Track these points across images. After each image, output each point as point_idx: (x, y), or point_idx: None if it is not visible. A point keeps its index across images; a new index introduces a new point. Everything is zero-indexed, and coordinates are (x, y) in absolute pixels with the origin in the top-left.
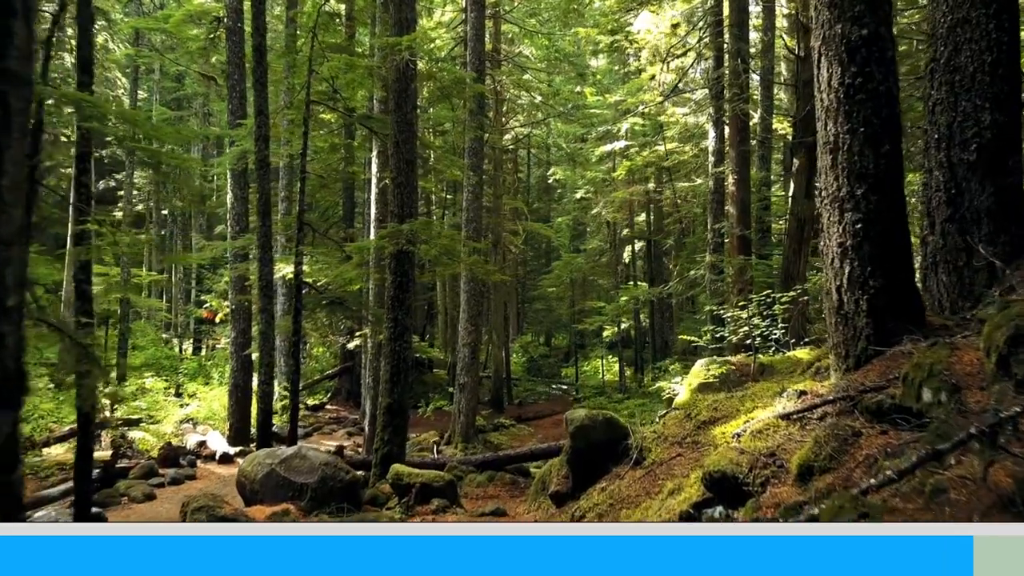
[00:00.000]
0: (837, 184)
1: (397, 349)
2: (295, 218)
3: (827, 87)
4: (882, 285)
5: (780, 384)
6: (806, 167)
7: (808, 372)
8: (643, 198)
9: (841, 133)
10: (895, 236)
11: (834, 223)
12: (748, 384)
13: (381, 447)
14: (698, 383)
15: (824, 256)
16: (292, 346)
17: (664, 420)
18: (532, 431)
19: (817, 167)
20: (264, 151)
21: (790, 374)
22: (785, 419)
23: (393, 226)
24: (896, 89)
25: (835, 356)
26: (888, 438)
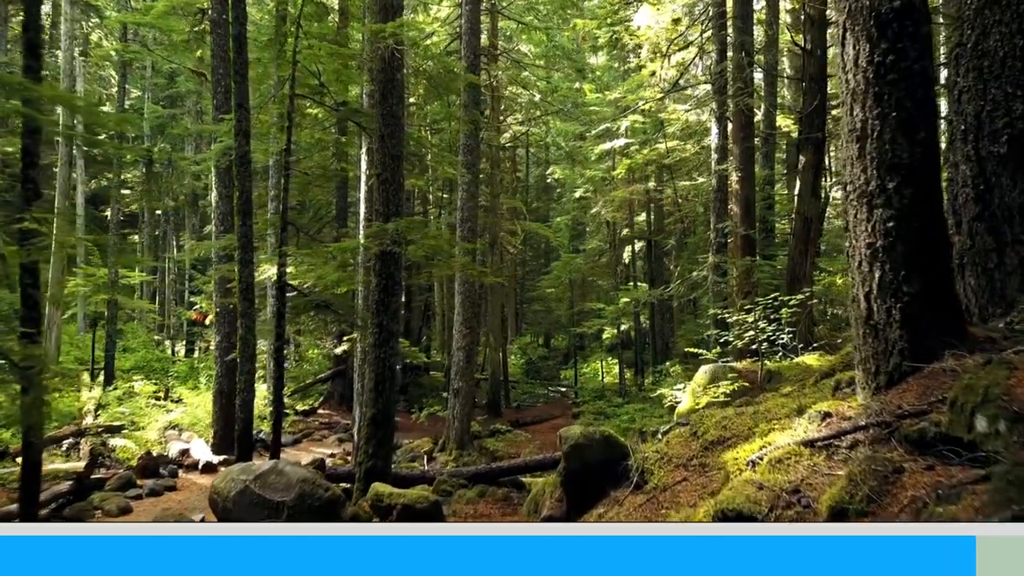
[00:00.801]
0: (865, 177)
1: (382, 356)
2: (279, 217)
3: (853, 67)
4: (918, 291)
5: (797, 401)
6: (812, 164)
7: (822, 384)
8: (643, 197)
9: (870, 118)
10: (932, 235)
11: (862, 221)
12: (758, 396)
13: (365, 460)
14: (706, 401)
15: (850, 259)
16: (275, 351)
17: (667, 438)
18: (529, 437)
19: (824, 164)
20: (244, 146)
21: (800, 382)
22: (809, 446)
23: (377, 225)
24: (931, 68)
25: (863, 372)
26: (936, 475)
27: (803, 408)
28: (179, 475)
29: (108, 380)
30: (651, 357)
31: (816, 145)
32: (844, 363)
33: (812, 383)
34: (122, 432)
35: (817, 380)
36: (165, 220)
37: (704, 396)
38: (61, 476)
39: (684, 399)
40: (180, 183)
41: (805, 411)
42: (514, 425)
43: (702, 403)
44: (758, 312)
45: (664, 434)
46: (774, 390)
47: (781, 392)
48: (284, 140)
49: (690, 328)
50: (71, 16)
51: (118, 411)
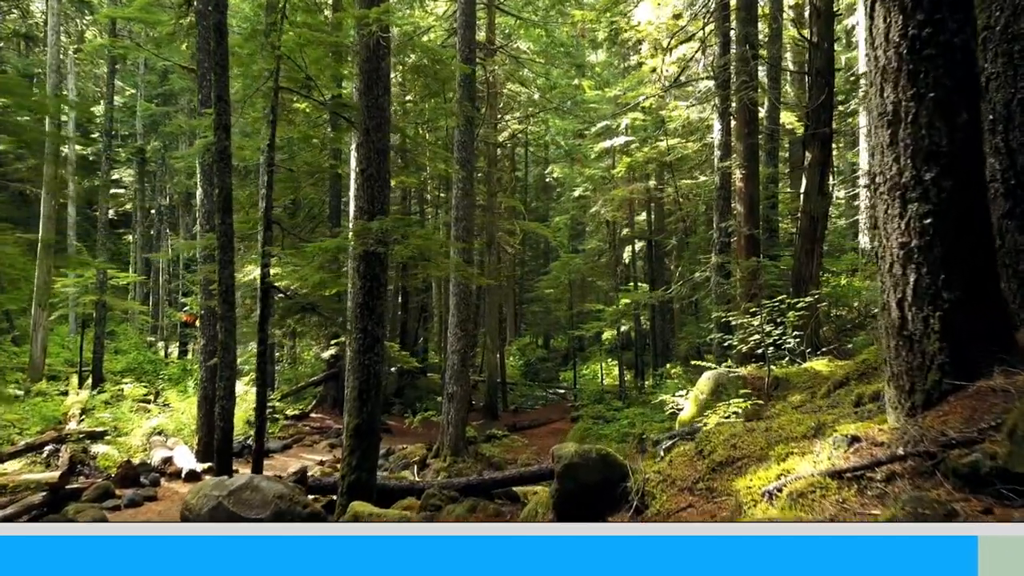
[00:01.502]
0: (898, 167)
1: (366, 363)
2: (263, 216)
3: (884, 41)
4: (960, 298)
5: (814, 418)
6: (819, 161)
7: (838, 395)
8: (644, 196)
9: (904, 100)
10: (974, 233)
11: (894, 217)
12: (768, 409)
13: (348, 473)
14: (715, 420)
15: (880, 260)
16: (259, 356)
17: (670, 456)
18: (526, 442)
19: (831, 161)
20: (224, 141)
21: (809, 390)
22: (836, 478)
23: (360, 224)
24: (974, 43)
25: (895, 389)
26: (996, 520)
27: (822, 426)
28: (161, 484)
29: (96, 383)
30: (651, 359)
31: (823, 141)
32: (859, 371)
33: (824, 393)
34: (105, 438)
35: (830, 390)
36: (159, 219)
37: (712, 415)
38: (34, 487)
39: (687, 406)
40: (172, 181)
41: (825, 430)
42: (511, 429)
43: (711, 422)
44: (764, 315)
45: (667, 450)
46: (782, 398)
47: (790, 400)
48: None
49: (691, 330)
50: (57, 10)
51: (101, 417)
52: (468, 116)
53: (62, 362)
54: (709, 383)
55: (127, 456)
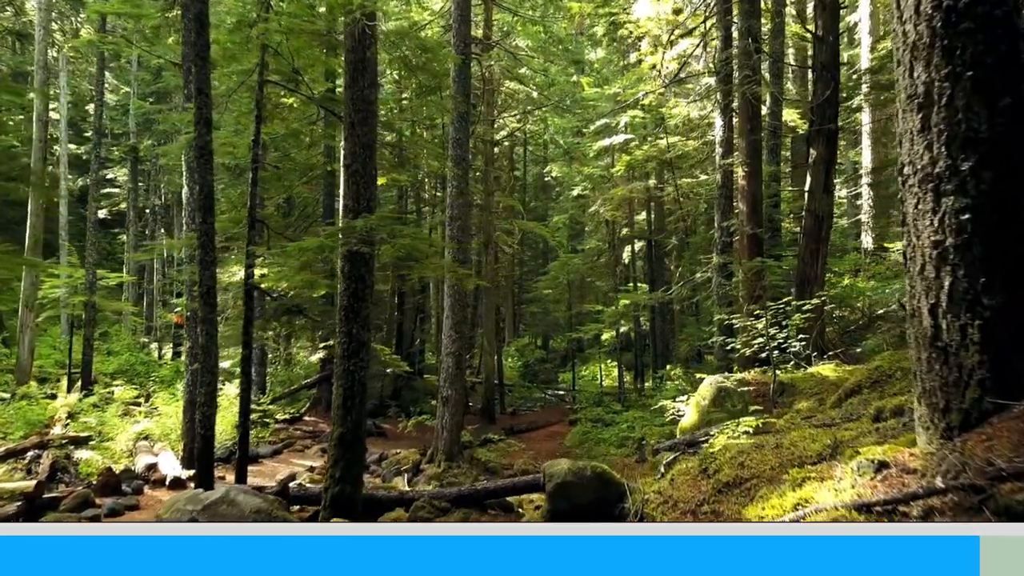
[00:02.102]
0: (930, 155)
1: (351, 369)
2: (247, 214)
3: (914, 14)
4: (1002, 304)
5: (830, 434)
6: (824, 158)
7: (851, 405)
8: (643, 195)
9: (937, 80)
10: (1019, 230)
11: (926, 213)
12: (773, 417)
13: (331, 486)
14: (724, 441)
15: (909, 261)
16: (243, 361)
17: (672, 473)
18: (523, 447)
19: (836, 158)
20: (205, 136)
21: (817, 397)
22: (863, 511)
23: (345, 222)
24: (1017, 15)
25: (927, 407)
26: None
27: (839, 445)
28: (144, 492)
29: (85, 386)
30: (651, 360)
31: (828, 138)
32: (872, 379)
33: (834, 401)
34: (88, 444)
35: (841, 399)
36: (153, 218)
37: (720, 434)
38: (6, 497)
39: (688, 412)
40: (166, 180)
41: (843, 450)
42: (508, 432)
43: (718, 442)
44: (768, 318)
45: (668, 466)
46: (788, 406)
47: (797, 408)
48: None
49: (692, 331)
50: (45, 5)
51: (86, 421)
52: (463, 112)
53: (53, 364)
54: (711, 389)
55: (111, 462)
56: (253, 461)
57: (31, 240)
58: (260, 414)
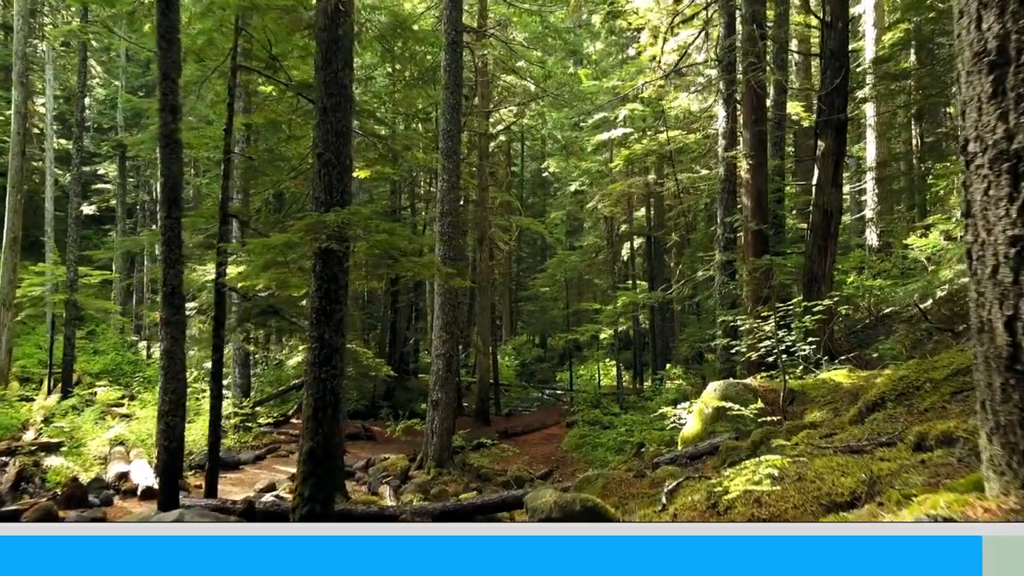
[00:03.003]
0: (1006, 128)
1: (323, 377)
2: (217, 209)
3: None
4: None
5: (866, 466)
6: (833, 150)
7: (876, 423)
8: (643, 191)
9: (1015, 32)
10: None
11: (1000, 200)
12: (783, 429)
13: (299, 505)
14: (742, 489)
15: (975, 261)
16: (213, 366)
17: (675, 508)
18: (517, 451)
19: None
20: (171, 124)
21: (831, 406)
22: None
23: (313, 216)
24: None
25: (1001, 447)
26: None
27: (876, 481)
28: (114, 503)
29: (66, 387)
30: (651, 359)
31: (837, 129)
32: (897, 390)
33: (854, 415)
34: (60, 450)
35: (862, 412)
36: (142, 214)
37: (738, 475)
38: None
39: (690, 421)
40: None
41: (884, 491)
42: (503, 435)
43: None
44: (776, 319)
45: (671, 493)
46: (799, 416)
47: (810, 418)
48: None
49: (693, 331)
50: None
51: (55, 426)
52: (454, 103)
53: (37, 363)
54: (715, 396)
55: (82, 470)
56: (234, 468)
57: (9, 236)
58: (243, 418)
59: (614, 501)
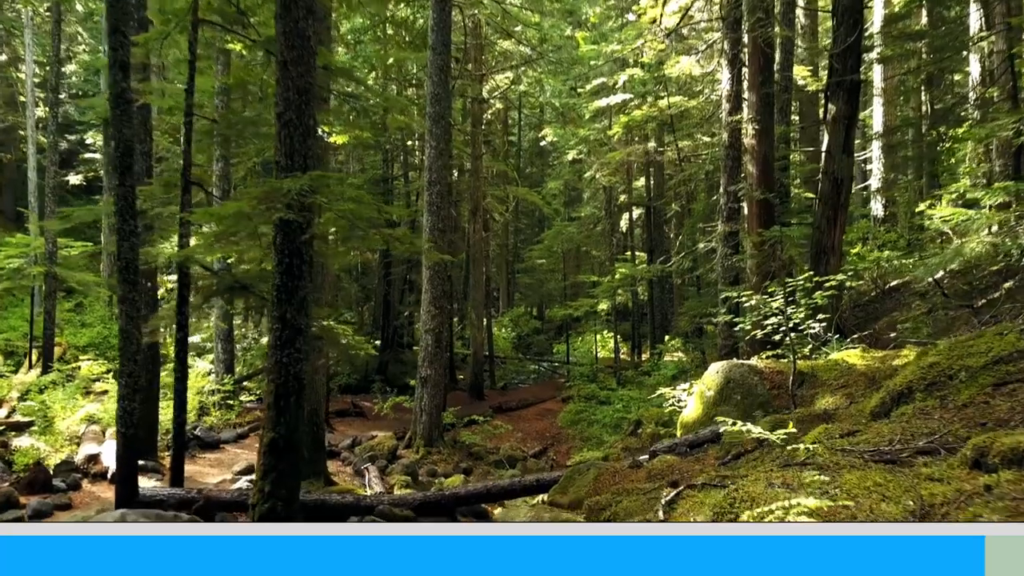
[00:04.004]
0: None
1: (284, 361)
2: (180, 176)
3: None
4: None
5: (912, 488)
6: (845, 114)
7: (903, 418)
8: (642, 159)
9: None
10: None
11: None
12: (794, 416)
13: (260, 502)
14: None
15: None
16: (176, 345)
17: (673, 514)
18: (511, 428)
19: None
20: (123, 83)
21: (844, 391)
22: None
23: (269, 183)
24: None
25: None
26: None
27: (929, 512)
28: (82, 487)
29: (47, 362)
30: (650, 331)
31: (849, 91)
32: (927, 380)
33: (876, 406)
34: (31, 429)
35: (887, 404)
36: None
37: (757, 508)
38: None
39: (691, 404)
40: None
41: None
42: (497, 410)
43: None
44: (784, 294)
45: (669, 506)
46: (809, 400)
47: (821, 404)
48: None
49: (693, 304)
50: None
51: (25, 405)
52: (442, 65)
53: (22, 336)
54: (718, 378)
55: (53, 451)
56: (214, 447)
57: None
58: (224, 395)
59: (606, 498)
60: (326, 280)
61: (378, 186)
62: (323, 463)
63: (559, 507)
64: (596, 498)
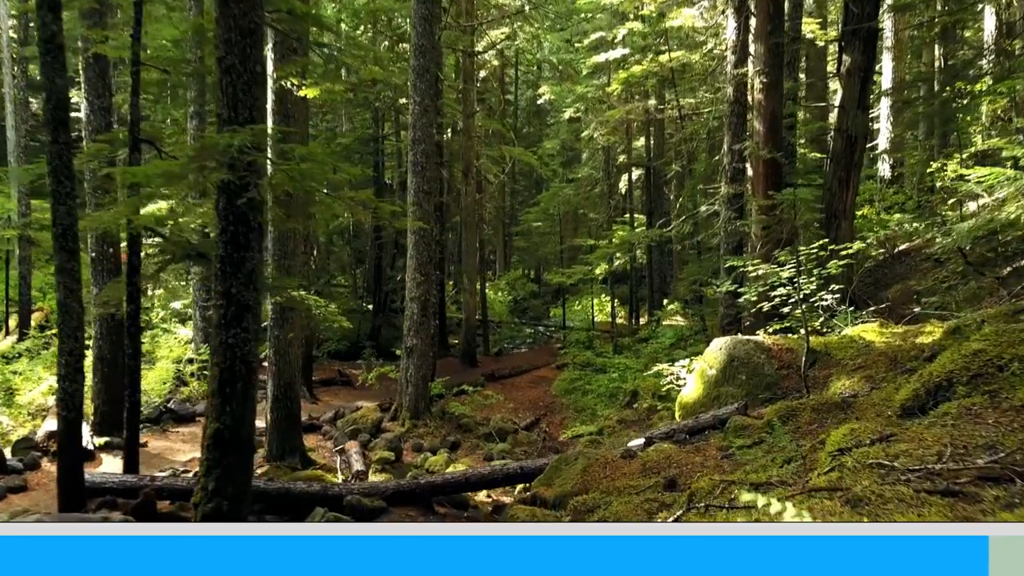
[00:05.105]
0: None
1: (230, 343)
2: (127, 131)
3: None
4: None
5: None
6: (861, 66)
7: (943, 414)
8: (642, 117)
9: None
10: None
11: None
12: (806, 405)
13: (203, 501)
14: None
15: None
16: (128, 319)
17: None
18: (502, 398)
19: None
20: (52, 25)
21: (863, 372)
22: None
23: (208, 137)
24: None
25: None
26: None
27: None
28: (40, 466)
29: (23, 328)
30: (648, 294)
31: (866, 40)
32: (970, 370)
33: (908, 398)
34: None
35: (921, 398)
36: None
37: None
38: None
39: (690, 383)
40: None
41: None
42: (489, 378)
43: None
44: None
45: None
46: (823, 382)
47: (837, 387)
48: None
49: (694, 269)
50: None
51: None
52: (426, 14)
53: None
54: (721, 355)
55: (17, 425)
56: (190, 420)
57: None
58: (201, 365)
59: (594, 498)
60: (297, 247)
61: (368, 145)
62: (298, 440)
63: (542, 502)
64: (583, 497)
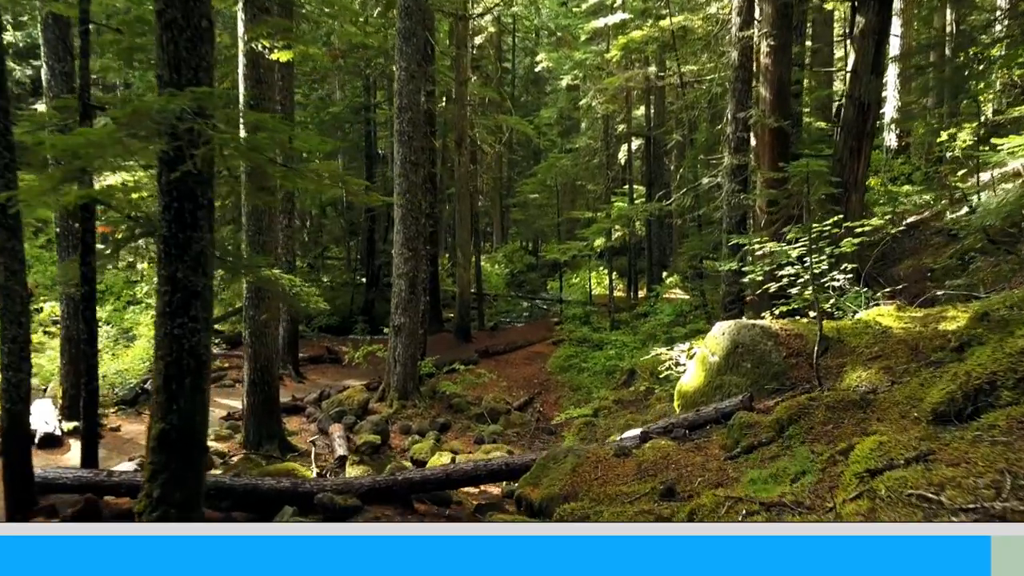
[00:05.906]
0: None
1: (176, 333)
2: (75, 99)
3: None
4: None
5: None
6: (875, 28)
7: (986, 426)
8: (642, 85)
9: None
10: None
11: None
12: (821, 402)
13: (147, 509)
14: None
15: None
16: (83, 301)
17: None
18: (495, 376)
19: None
20: None
21: (880, 362)
22: None
23: (139, 103)
24: None
25: None
26: None
27: None
28: None
29: None
30: (647, 267)
31: (880, 1)
32: (1017, 372)
33: (942, 403)
34: None
35: (958, 403)
36: None
37: None
38: None
39: (691, 369)
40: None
41: None
42: (483, 355)
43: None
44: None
45: None
46: (835, 373)
47: (852, 378)
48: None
49: (694, 244)
50: None
51: None
52: None
53: None
54: (724, 341)
55: None
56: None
57: None
58: None
59: (584, 506)
60: (274, 222)
61: (359, 114)
62: (277, 425)
63: (528, 505)
64: (571, 505)
